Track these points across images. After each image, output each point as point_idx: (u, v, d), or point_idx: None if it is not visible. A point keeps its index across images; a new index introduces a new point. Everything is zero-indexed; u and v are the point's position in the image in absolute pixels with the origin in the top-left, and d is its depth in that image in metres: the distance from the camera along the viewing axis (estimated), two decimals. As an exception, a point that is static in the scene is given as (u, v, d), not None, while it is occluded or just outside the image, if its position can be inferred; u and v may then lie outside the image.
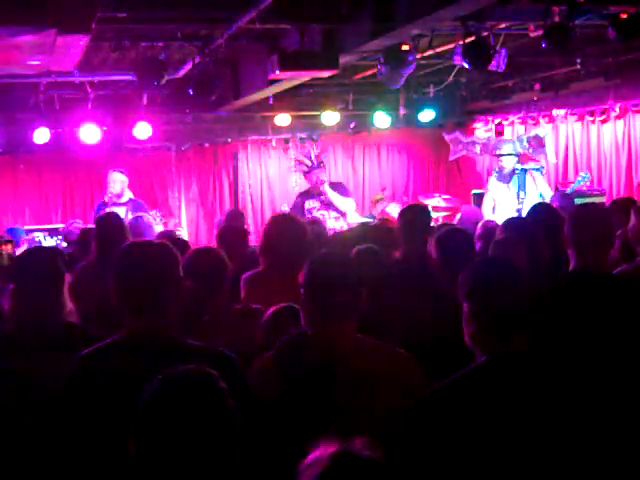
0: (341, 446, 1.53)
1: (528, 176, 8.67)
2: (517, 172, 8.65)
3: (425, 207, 5.27)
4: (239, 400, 1.91)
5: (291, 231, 4.39)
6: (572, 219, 3.65)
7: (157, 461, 1.81)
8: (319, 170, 8.32)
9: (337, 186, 8.41)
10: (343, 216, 8.09)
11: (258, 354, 2.92)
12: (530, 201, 8.07)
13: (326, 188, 8.15)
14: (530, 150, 9.47)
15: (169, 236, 5.13)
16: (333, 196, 8.14)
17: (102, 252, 4.84)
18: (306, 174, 8.44)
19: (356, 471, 1.48)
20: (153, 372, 1.95)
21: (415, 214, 4.86)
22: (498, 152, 8.85)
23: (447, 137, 10.77)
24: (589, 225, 3.57)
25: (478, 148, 10.43)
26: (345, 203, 8.16)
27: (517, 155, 8.99)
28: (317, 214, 8.02)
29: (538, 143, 9.58)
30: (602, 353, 3.04)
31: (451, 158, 10.90)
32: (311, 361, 2.65)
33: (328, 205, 8.15)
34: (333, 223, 8.02)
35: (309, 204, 8.21)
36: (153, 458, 1.82)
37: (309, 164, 8.36)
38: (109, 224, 5.14)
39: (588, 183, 9.02)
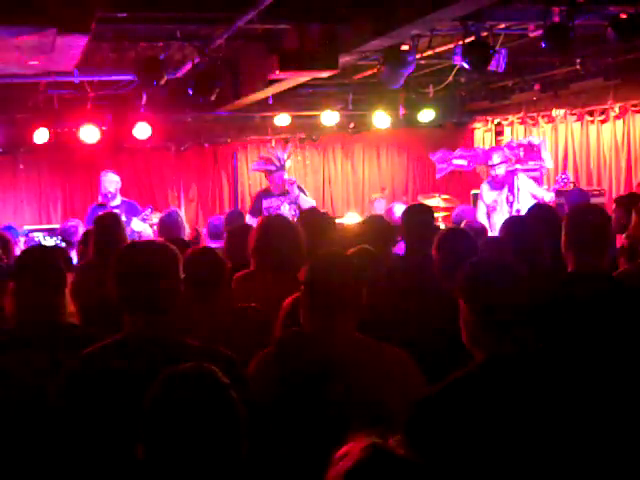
0: (374, 442, 1.54)
1: (517, 179, 8.66)
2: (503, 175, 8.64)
3: (428, 207, 5.27)
4: (239, 399, 1.92)
5: (281, 232, 4.39)
6: (570, 220, 3.65)
7: (167, 458, 1.83)
8: (283, 172, 8.65)
9: (300, 187, 8.83)
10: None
11: (257, 353, 2.92)
12: (522, 204, 8.11)
13: (295, 188, 8.52)
14: (521, 155, 9.47)
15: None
16: (302, 197, 8.51)
17: (100, 252, 4.86)
18: (270, 174, 8.72)
19: (388, 468, 1.49)
20: (153, 372, 1.95)
21: (418, 214, 4.87)
22: (490, 163, 8.85)
23: (433, 157, 10.73)
24: (587, 226, 3.56)
25: (465, 162, 10.39)
26: (311, 203, 8.54)
27: (507, 162, 8.96)
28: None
29: (531, 150, 9.58)
30: (600, 354, 3.04)
31: (438, 176, 10.86)
32: (309, 359, 2.66)
33: (289, 204, 8.47)
34: None
35: (268, 202, 8.53)
36: (163, 456, 1.83)
37: (277, 164, 8.62)
38: (107, 224, 5.16)
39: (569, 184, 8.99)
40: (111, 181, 8.37)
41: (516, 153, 9.41)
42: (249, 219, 8.41)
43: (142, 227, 7.86)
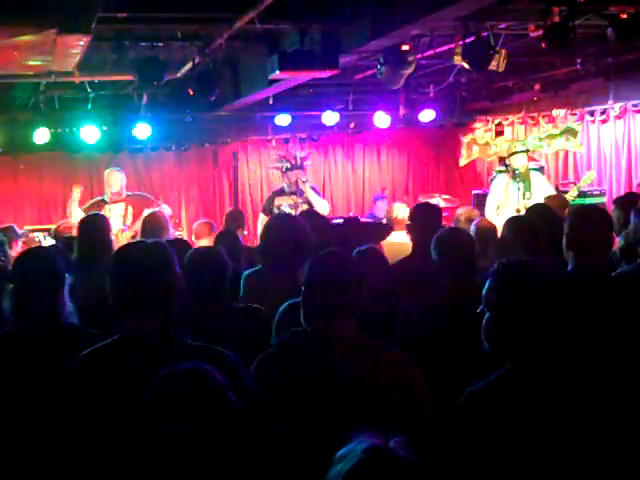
0: (375, 442, 1.53)
1: (533, 176, 8.58)
2: (523, 171, 8.52)
3: (435, 206, 5.22)
4: (240, 399, 1.92)
5: (289, 231, 4.39)
6: (571, 219, 3.65)
7: (164, 458, 1.83)
8: (299, 171, 8.55)
9: (314, 188, 8.70)
10: None
11: (258, 353, 2.92)
12: (535, 201, 8.02)
13: (307, 187, 8.42)
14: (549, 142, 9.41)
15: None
16: (312, 196, 8.40)
17: (84, 253, 4.82)
18: (285, 172, 8.64)
19: (388, 470, 1.49)
20: (153, 372, 1.95)
21: (424, 214, 4.85)
22: (513, 150, 8.73)
23: (463, 139, 10.65)
24: (587, 226, 3.57)
25: (492, 150, 10.35)
26: (322, 204, 8.43)
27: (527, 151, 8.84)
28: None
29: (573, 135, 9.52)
30: (599, 354, 3.04)
31: (462, 163, 10.74)
32: (311, 359, 2.65)
33: (299, 204, 8.36)
34: None
35: (278, 201, 8.45)
36: (160, 455, 1.83)
37: (292, 162, 8.56)
38: (91, 225, 5.10)
39: (594, 182, 8.97)
40: (115, 179, 8.37)
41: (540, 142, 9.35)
42: (261, 218, 8.42)
43: None
